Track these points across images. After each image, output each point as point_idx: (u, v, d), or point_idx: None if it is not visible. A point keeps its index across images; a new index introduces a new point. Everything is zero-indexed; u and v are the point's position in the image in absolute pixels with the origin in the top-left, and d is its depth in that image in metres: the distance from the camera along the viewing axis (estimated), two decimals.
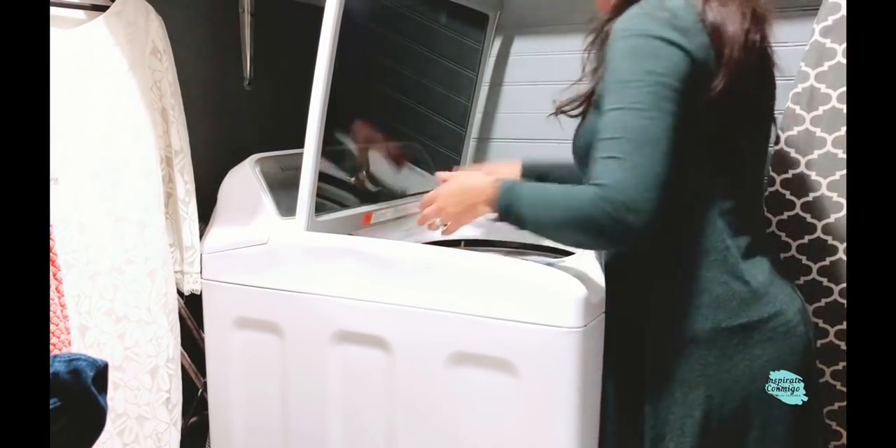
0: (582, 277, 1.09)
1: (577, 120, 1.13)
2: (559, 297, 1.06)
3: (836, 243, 1.29)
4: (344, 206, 1.42)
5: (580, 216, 0.93)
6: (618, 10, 1.02)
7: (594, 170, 0.94)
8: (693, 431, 1.01)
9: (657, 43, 0.94)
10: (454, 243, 1.43)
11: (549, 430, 1.08)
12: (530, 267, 1.13)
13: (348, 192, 1.47)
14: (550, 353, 1.06)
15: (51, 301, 1.04)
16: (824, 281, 1.31)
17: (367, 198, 1.49)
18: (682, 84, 0.93)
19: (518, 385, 1.09)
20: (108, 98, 1.20)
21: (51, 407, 0.77)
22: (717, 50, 0.96)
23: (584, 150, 1.04)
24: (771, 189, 1.33)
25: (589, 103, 1.10)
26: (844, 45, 1.25)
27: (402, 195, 1.59)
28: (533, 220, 1.02)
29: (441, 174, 1.25)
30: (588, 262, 1.22)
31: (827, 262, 1.30)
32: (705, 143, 0.99)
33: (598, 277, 1.14)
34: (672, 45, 0.94)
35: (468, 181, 1.16)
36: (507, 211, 1.04)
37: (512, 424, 1.11)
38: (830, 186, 1.28)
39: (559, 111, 1.16)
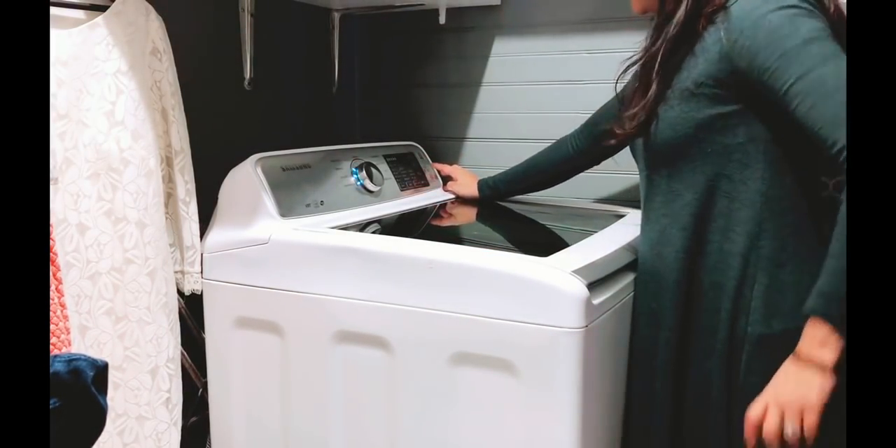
0: (584, 277, 1.09)
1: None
2: (561, 297, 1.06)
3: None
4: None
5: None
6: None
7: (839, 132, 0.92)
8: None
9: (796, 10, 1.00)
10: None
11: (550, 431, 1.08)
12: (532, 266, 1.12)
13: None
14: (552, 353, 1.06)
15: (51, 301, 1.04)
16: None
17: None
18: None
19: (519, 386, 1.09)
20: (108, 98, 1.20)
21: (51, 407, 0.77)
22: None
23: (677, 141, 1.09)
24: None
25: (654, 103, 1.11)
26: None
27: None
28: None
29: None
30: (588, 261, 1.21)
31: None
32: None
33: (600, 278, 1.14)
34: (804, 8, 1.00)
35: (793, 371, 0.95)
36: (840, 310, 0.91)
37: (513, 425, 1.10)
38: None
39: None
